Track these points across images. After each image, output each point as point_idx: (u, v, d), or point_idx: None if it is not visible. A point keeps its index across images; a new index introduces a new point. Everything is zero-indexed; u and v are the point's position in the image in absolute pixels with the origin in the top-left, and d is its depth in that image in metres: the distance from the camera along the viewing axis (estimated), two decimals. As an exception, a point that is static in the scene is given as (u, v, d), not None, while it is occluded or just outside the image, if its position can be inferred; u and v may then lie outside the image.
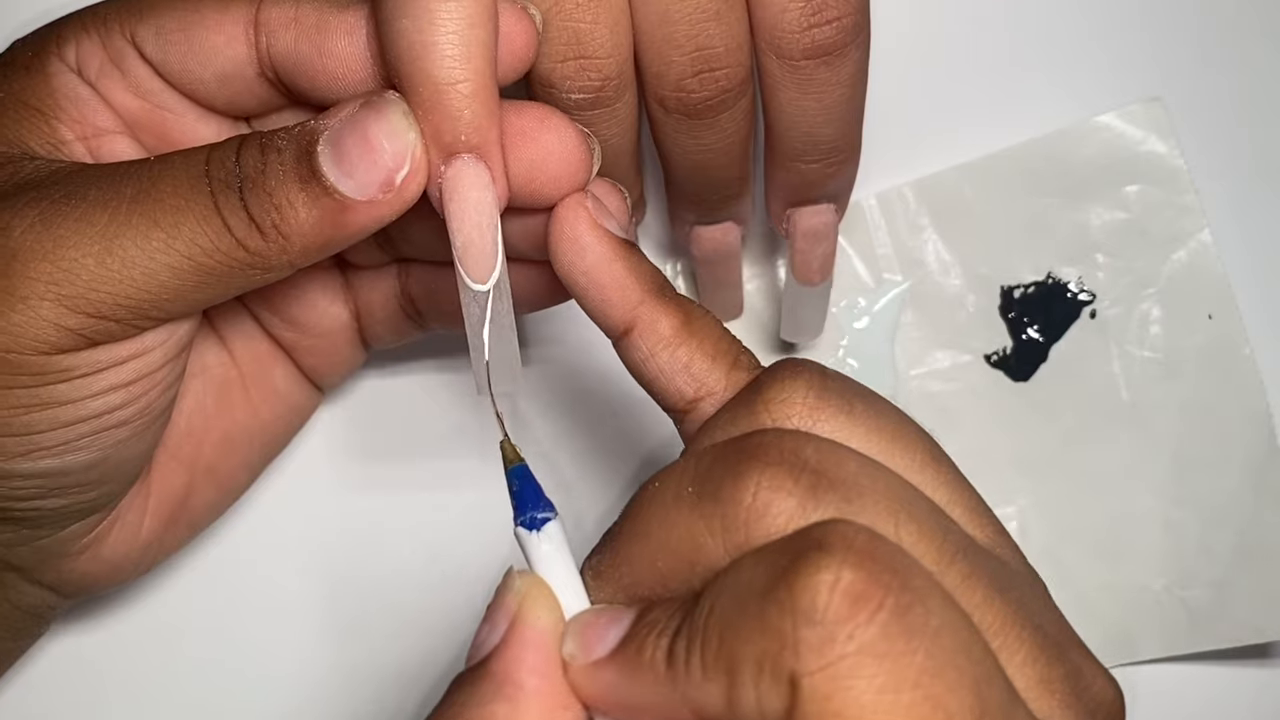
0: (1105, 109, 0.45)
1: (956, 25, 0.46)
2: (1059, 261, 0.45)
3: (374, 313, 0.39)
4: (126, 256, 0.31)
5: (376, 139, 0.31)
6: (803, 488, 0.26)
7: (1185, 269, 0.44)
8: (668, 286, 0.33)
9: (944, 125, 0.45)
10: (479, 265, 0.32)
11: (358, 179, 0.31)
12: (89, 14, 0.34)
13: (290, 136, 0.31)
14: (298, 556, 0.44)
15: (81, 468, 0.33)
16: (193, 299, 0.32)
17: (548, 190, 0.33)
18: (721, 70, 0.35)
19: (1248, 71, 0.46)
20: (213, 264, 0.31)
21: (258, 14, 0.33)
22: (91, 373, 0.32)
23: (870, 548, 0.24)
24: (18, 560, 0.35)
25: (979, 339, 0.45)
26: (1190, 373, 0.44)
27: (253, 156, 0.31)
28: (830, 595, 0.24)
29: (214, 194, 0.31)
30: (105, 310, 0.31)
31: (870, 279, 0.45)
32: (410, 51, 0.30)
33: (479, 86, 0.31)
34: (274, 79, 0.34)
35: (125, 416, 0.33)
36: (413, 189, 0.31)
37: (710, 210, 0.40)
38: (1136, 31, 0.46)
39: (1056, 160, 0.45)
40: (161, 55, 0.34)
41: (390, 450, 0.45)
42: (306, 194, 0.31)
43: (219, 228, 0.31)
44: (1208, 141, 0.45)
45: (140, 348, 0.33)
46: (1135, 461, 0.44)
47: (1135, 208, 0.44)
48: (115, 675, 0.44)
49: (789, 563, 0.24)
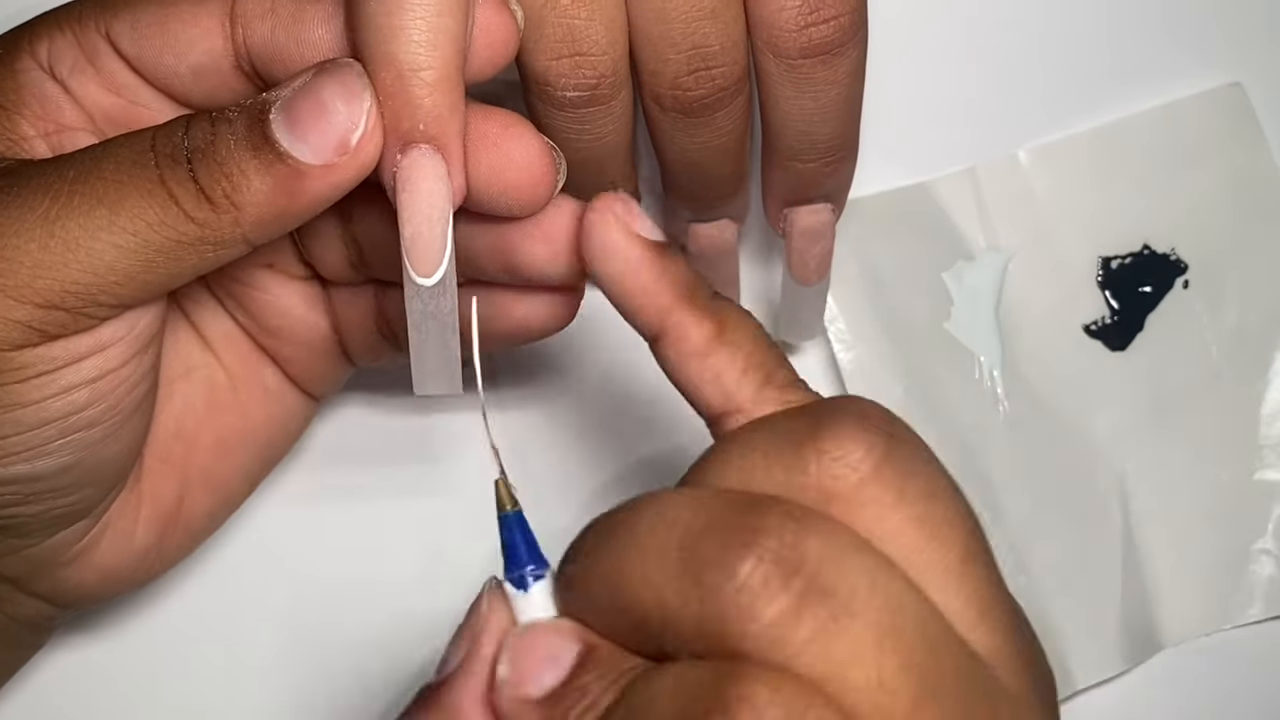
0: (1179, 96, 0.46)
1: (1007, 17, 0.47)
2: (1154, 233, 0.46)
3: (351, 328, 0.39)
4: (69, 238, 0.30)
5: (331, 101, 0.30)
6: (792, 595, 0.24)
7: (1271, 240, 0.45)
8: (701, 291, 0.31)
9: (997, 116, 0.46)
10: (425, 258, 0.31)
11: (311, 142, 0.30)
12: (63, 12, 0.34)
13: (242, 108, 0.31)
14: (301, 565, 0.44)
15: (54, 472, 0.33)
16: (143, 281, 0.31)
17: (504, 199, 0.32)
18: (718, 69, 0.35)
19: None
20: (160, 240, 0.31)
21: (234, 6, 0.33)
22: (50, 370, 0.31)
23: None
24: (9, 571, 0.35)
25: (1078, 309, 0.45)
26: (1277, 340, 0.45)
27: (202, 129, 0.31)
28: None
29: (159, 167, 0.31)
30: (54, 298, 0.31)
31: (973, 249, 0.46)
32: (377, 35, 0.30)
33: (443, 76, 0.30)
34: (250, 71, 0.33)
35: (93, 417, 0.32)
36: (369, 151, 0.30)
37: (706, 207, 0.40)
38: (1207, 15, 0.47)
39: (1150, 137, 0.46)
40: (136, 49, 0.33)
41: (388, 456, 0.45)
42: (259, 161, 0.30)
43: (164, 200, 0.30)
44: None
45: (97, 342, 0.32)
46: (1231, 427, 0.45)
47: (1222, 182, 0.46)
48: (115, 686, 0.44)
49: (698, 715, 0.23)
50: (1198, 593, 0.44)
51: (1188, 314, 0.45)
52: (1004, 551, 0.43)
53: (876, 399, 0.43)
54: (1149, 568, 0.44)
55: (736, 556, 0.25)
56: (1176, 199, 0.46)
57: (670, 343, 0.30)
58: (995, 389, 0.45)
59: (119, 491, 0.36)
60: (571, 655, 0.26)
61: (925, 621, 0.25)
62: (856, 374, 0.44)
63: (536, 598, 0.28)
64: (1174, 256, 0.46)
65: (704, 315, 0.30)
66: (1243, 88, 0.46)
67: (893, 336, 0.45)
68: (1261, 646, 0.44)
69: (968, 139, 0.46)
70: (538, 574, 0.28)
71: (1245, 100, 0.46)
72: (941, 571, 0.26)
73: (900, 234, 0.45)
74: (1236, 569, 0.44)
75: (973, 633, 0.26)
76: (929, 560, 0.26)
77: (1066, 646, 0.43)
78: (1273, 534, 0.44)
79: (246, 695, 0.44)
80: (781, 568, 0.24)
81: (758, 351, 0.30)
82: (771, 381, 0.30)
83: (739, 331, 0.30)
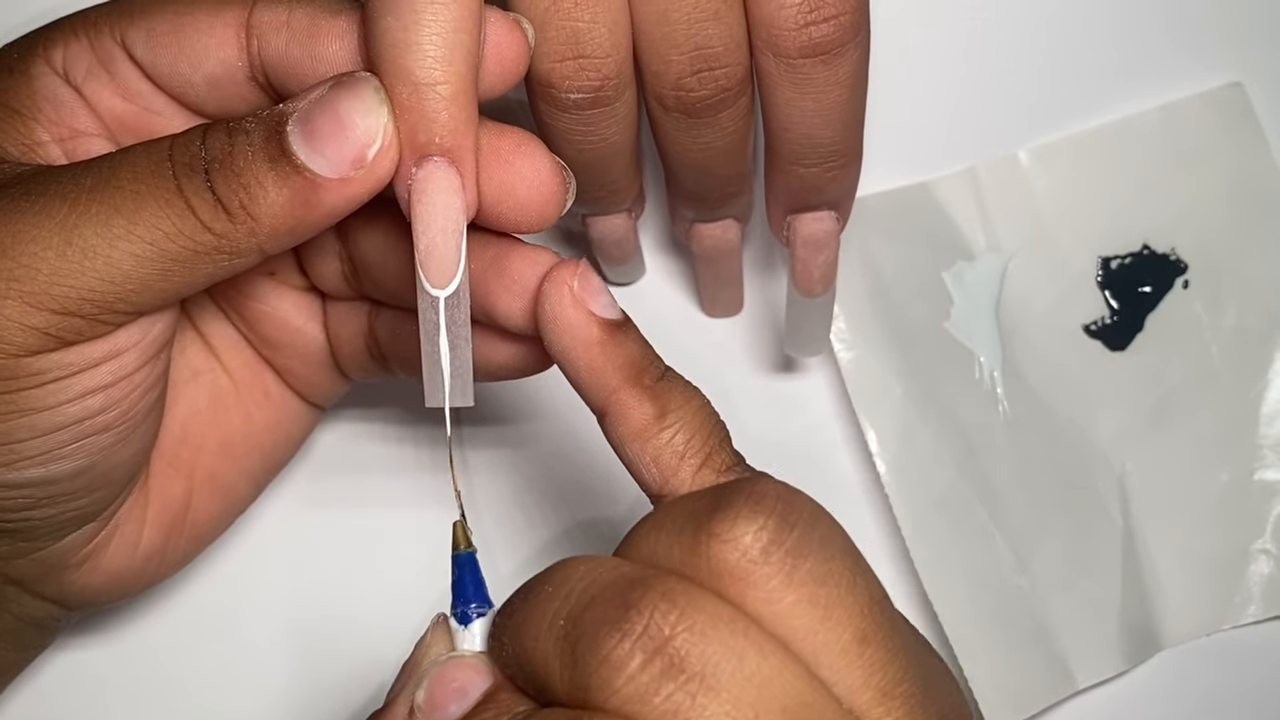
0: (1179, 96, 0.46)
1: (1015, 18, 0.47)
2: (1154, 233, 0.46)
3: (344, 345, 0.39)
4: (87, 246, 0.30)
5: (348, 115, 0.30)
6: (651, 673, 0.26)
7: (1272, 240, 0.46)
8: (649, 372, 0.32)
9: (997, 116, 0.46)
10: (440, 271, 0.31)
11: (328, 156, 0.30)
12: (79, 17, 0.34)
13: (259, 119, 0.31)
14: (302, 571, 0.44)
15: (68, 475, 0.33)
16: (159, 289, 0.31)
17: (514, 216, 0.33)
18: (721, 69, 0.34)
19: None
20: (177, 249, 0.31)
21: (250, 17, 0.33)
22: (65, 376, 0.32)
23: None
24: (17, 574, 0.35)
25: (1078, 309, 0.46)
26: (1277, 340, 0.45)
27: (219, 139, 0.31)
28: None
29: (177, 177, 0.31)
30: (70, 305, 0.31)
31: (973, 249, 0.46)
32: (392, 50, 0.30)
33: (458, 90, 0.30)
34: (264, 83, 0.34)
35: (107, 421, 0.33)
36: (385, 165, 0.31)
37: (710, 208, 0.40)
38: (1208, 14, 0.47)
39: (1150, 137, 0.46)
40: (151, 57, 0.33)
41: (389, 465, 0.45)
42: (276, 173, 0.30)
43: (182, 210, 0.31)
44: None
45: (113, 348, 0.32)
46: (1231, 427, 0.45)
47: (1222, 183, 0.46)
48: (116, 688, 0.44)
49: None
50: (1197, 593, 0.44)
51: (1188, 314, 0.45)
52: (1004, 551, 0.43)
53: (876, 398, 0.44)
54: (1149, 568, 0.44)
55: (606, 634, 0.26)
56: (1176, 199, 0.46)
57: (612, 423, 0.32)
58: (995, 389, 0.45)
59: (127, 495, 0.36)
60: (479, 691, 0.29)
61: (801, 700, 0.26)
62: (857, 374, 0.44)
63: (476, 633, 0.30)
64: (1174, 256, 0.46)
65: (646, 398, 0.32)
66: (1243, 88, 0.46)
67: (893, 336, 0.45)
68: (1261, 646, 0.44)
69: (968, 139, 0.46)
70: (480, 611, 0.30)
71: (1246, 100, 0.46)
72: (837, 653, 0.27)
73: (900, 234, 0.45)
74: (1236, 569, 0.44)
75: (871, 711, 0.27)
76: (823, 642, 0.27)
77: (1066, 646, 0.43)
78: (1272, 534, 0.44)
79: (246, 699, 0.44)
80: (645, 645, 0.26)
81: (699, 435, 0.32)
82: (710, 464, 0.31)
83: (681, 413, 0.32)
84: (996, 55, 0.46)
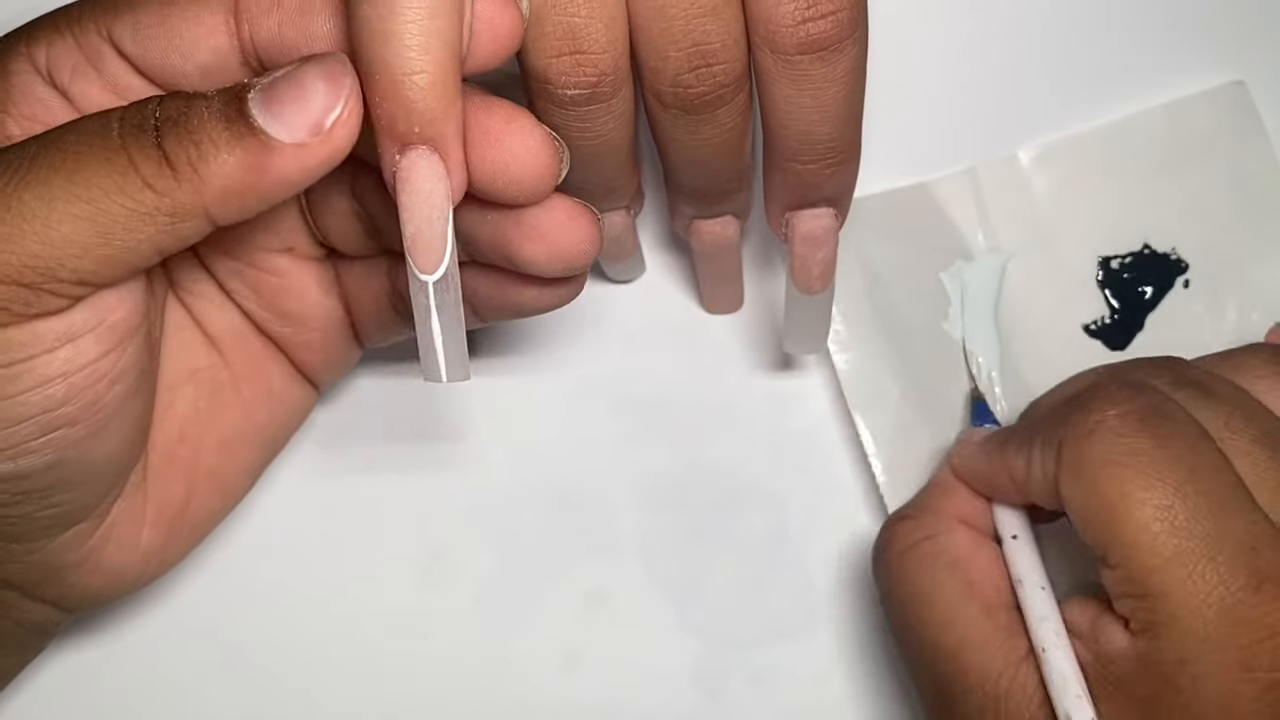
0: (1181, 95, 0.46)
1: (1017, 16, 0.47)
2: (1154, 232, 0.46)
3: (364, 307, 0.39)
4: (25, 209, 0.30)
5: (311, 83, 0.30)
6: (1168, 378, 0.36)
7: (1273, 239, 0.46)
8: None
9: (997, 116, 0.46)
10: (427, 256, 0.31)
11: (286, 121, 0.30)
12: (62, 15, 0.34)
13: (221, 90, 0.31)
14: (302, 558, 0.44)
15: (38, 470, 0.32)
16: (100, 255, 0.31)
17: (509, 192, 0.33)
18: (719, 65, 0.34)
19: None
20: (116, 208, 0.30)
21: (237, 2, 0.33)
22: (20, 360, 0.31)
23: (1135, 398, 0.35)
24: (15, 578, 0.35)
25: (1078, 309, 0.46)
26: None
27: (176, 103, 0.31)
28: (1101, 402, 0.35)
29: (122, 135, 0.30)
30: (11, 273, 0.30)
31: (972, 249, 0.46)
32: (371, 39, 0.30)
33: (436, 79, 0.30)
34: (258, 68, 0.33)
35: (73, 414, 0.32)
36: (342, 136, 0.31)
37: (709, 204, 0.40)
38: (1210, 13, 0.47)
39: (1151, 136, 0.46)
40: (140, 51, 0.33)
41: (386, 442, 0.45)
42: (230, 133, 0.30)
43: (123, 166, 0.30)
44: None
45: (68, 329, 0.31)
46: None
47: (1224, 182, 0.46)
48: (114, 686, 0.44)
49: None
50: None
51: (1188, 314, 0.45)
52: (1003, 551, 0.43)
53: (872, 400, 0.44)
54: (1149, 568, 0.44)
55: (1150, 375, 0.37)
56: (1177, 198, 0.46)
57: None
58: (994, 389, 0.44)
59: (119, 494, 0.36)
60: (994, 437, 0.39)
61: (1257, 417, 0.36)
62: (853, 375, 0.44)
63: None
64: (1174, 256, 0.46)
65: None
66: (1245, 86, 0.46)
67: (890, 337, 0.45)
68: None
69: (968, 139, 0.46)
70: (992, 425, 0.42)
71: (1248, 99, 0.46)
72: None
73: (899, 234, 0.45)
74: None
75: None
76: None
77: (1066, 647, 0.43)
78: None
79: (246, 695, 0.44)
80: (1172, 370, 0.38)
81: None
82: None
83: None
84: (996, 55, 0.46)
